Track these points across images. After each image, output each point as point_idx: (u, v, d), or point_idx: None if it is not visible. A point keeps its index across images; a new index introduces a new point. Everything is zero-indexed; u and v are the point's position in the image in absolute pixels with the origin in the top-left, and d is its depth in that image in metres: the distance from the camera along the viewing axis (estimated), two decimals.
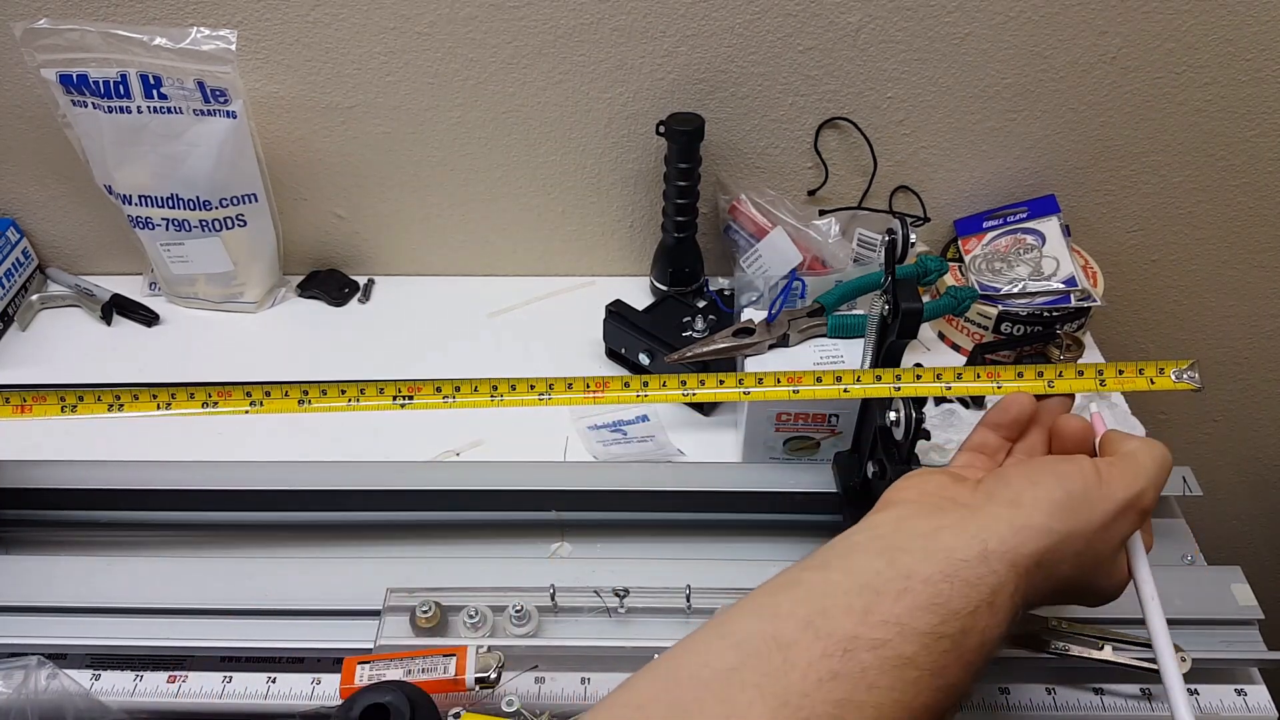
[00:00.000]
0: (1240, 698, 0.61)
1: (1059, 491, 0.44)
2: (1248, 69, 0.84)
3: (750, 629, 0.40)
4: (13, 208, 0.97)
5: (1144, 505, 0.46)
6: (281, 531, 0.73)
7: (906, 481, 0.48)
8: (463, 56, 0.85)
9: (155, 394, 0.58)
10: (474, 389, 0.58)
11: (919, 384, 0.57)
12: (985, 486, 0.45)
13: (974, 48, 0.84)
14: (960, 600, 0.40)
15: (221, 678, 0.61)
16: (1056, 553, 0.43)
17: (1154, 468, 0.46)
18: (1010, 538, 0.42)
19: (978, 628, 0.40)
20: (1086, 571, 0.45)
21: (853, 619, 0.39)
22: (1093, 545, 0.44)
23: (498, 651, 0.56)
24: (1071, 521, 0.43)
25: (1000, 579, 0.41)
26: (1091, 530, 0.44)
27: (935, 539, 0.42)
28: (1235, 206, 0.95)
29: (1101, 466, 0.46)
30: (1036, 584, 0.43)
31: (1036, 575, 0.43)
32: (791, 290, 0.83)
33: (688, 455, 0.79)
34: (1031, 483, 0.44)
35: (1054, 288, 0.86)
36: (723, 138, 0.90)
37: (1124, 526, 0.45)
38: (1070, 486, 0.44)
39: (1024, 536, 0.42)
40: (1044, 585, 0.43)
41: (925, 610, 0.39)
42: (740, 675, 0.38)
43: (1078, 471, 0.45)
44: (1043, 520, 0.43)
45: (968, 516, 0.43)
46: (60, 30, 0.78)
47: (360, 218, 0.98)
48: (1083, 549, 0.44)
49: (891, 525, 0.44)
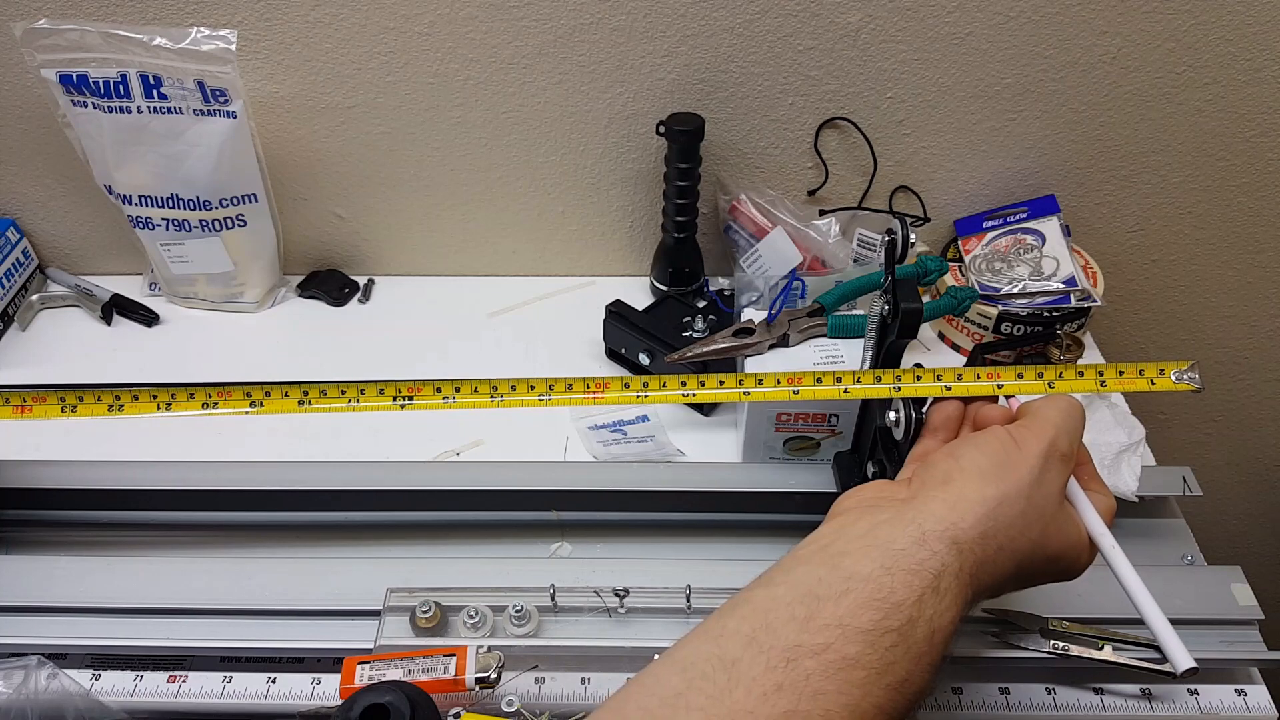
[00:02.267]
0: (1240, 698, 0.61)
1: (982, 459, 0.45)
2: (1248, 69, 0.84)
3: (697, 652, 0.40)
4: (13, 208, 0.97)
5: (1061, 451, 0.46)
6: (281, 531, 0.73)
7: (847, 494, 0.48)
8: (463, 56, 0.85)
9: (155, 394, 0.58)
10: (474, 390, 0.58)
11: (919, 385, 0.57)
12: (915, 478, 0.46)
13: (974, 48, 0.84)
14: (903, 590, 0.40)
15: (221, 678, 0.61)
16: (998, 519, 0.43)
17: (1058, 415, 0.47)
18: (947, 514, 0.42)
19: (924, 616, 0.40)
20: (1038, 534, 0.45)
21: (795, 628, 0.39)
22: (1032, 502, 0.44)
23: (498, 651, 0.56)
24: (1001, 484, 0.44)
25: (943, 560, 0.41)
26: (1023, 487, 0.44)
27: (873, 535, 0.42)
28: (1235, 206, 0.95)
29: (1013, 429, 0.47)
30: (989, 558, 0.43)
31: (985, 548, 0.43)
32: (791, 290, 0.83)
33: (688, 455, 0.79)
34: (954, 458, 0.46)
35: (1054, 288, 0.86)
36: (723, 138, 0.90)
37: (1053, 476, 0.46)
38: (989, 451, 0.45)
39: (960, 510, 0.43)
40: (999, 559, 0.43)
41: (867, 607, 0.39)
42: (685, 699, 0.38)
43: (993, 437, 0.46)
44: (974, 490, 0.43)
45: (904, 507, 0.44)
46: (60, 30, 0.78)
47: (360, 218, 0.98)
48: (1025, 508, 0.44)
49: (833, 534, 0.44)
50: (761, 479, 0.73)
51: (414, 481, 0.72)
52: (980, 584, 0.43)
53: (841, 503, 0.48)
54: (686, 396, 0.59)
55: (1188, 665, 0.45)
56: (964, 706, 0.60)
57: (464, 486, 0.71)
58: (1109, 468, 0.70)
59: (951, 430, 0.54)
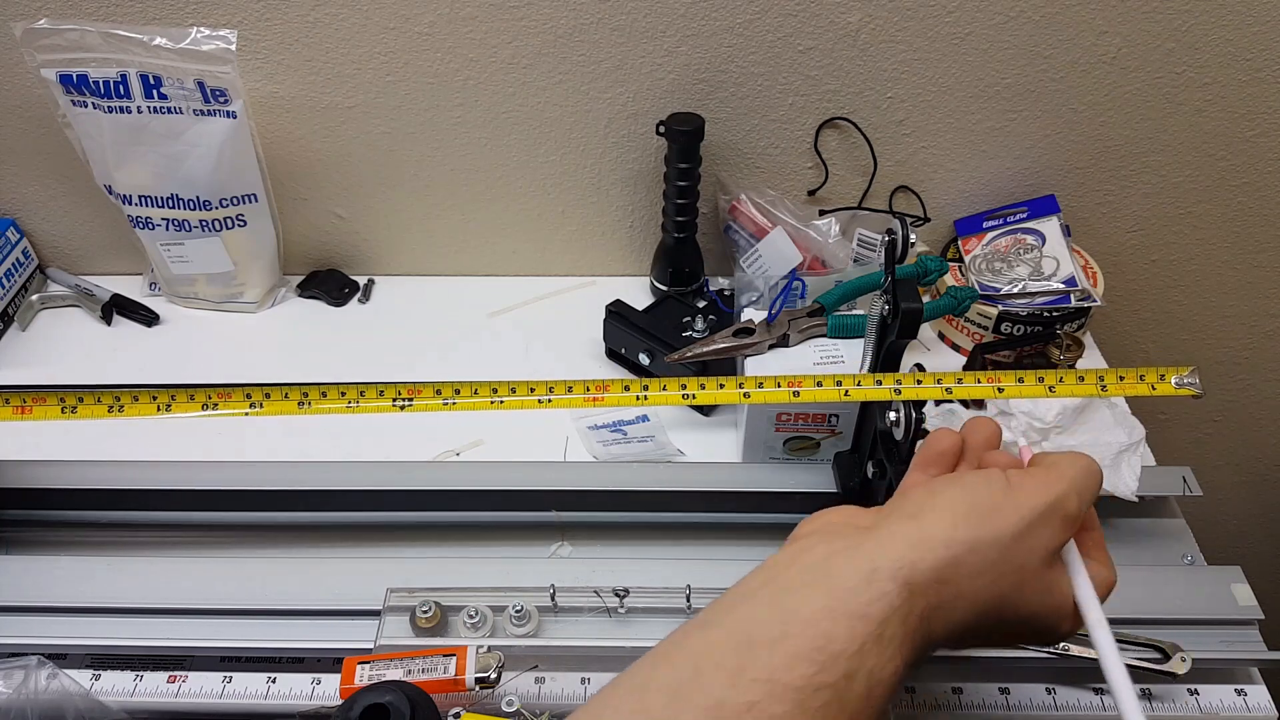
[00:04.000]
0: (1240, 698, 0.61)
1: (962, 500, 0.40)
2: (1248, 69, 0.84)
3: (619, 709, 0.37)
4: (13, 208, 0.97)
5: (1067, 511, 0.41)
6: (281, 531, 0.73)
7: (812, 516, 0.44)
8: (463, 56, 0.85)
9: (155, 395, 0.58)
10: (474, 392, 0.58)
11: (919, 388, 0.57)
12: (886, 506, 0.43)
13: (974, 48, 0.84)
14: (844, 638, 0.36)
15: (221, 678, 0.61)
16: (964, 565, 0.39)
17: (1075, 473, 0.42)
18: (905, 553, 0.38)
19: (864, 669, 0.36)
20: (1010, 588, 0.40)
21: (723, 680, 0.36)
22: (1009, 556, 0.40)
23: (498, 651, 0.56)
24: (977, 529, 0.39)
25: (891, 603, 0.37)
26: (1004, 538, 0.39)
27: (824, 568, 0.38)
28: (1235, 206, 0.95)
29: (1013, 475, 0.42)
30: (945, 603, 0.38)
31: (942, 593, 0.38)
32: (791, 290, 0.83)
33: (688, 455, 0.79)
34: (931, 494, 0.41)
35: (1054, 288, 0.86)
36: (723, 138, 0.90)
37: (1045, 536, 0.41)
38: (976, 494, 0.41)
39: (921, 550, 0.38)
40: (956, 605, 0.39)
41: (802, 659, 0.35)
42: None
43: (984, 480, 0.42)
44: (943, 530, 0.39)
45: (863, 538, 0.40)
46: (60, 30, 0.78)
47: (360, 218, 0.98)
48: (997, 559, 0.39)
49: (786, 563, 0.40)
50: (761, 479, 0.73)
51: (414, 481, 0.72)
52: (932, 631, 0.39)
53: (804, 526, 0.44)
54: (686, 399, 0.58)
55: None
56: (964, 706, 0.60)
57: (464, 486, 0.71)
58: (1109, 468, 0.70)
59: (945, 467, 0.48)
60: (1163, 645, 0.59)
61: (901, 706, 0.60)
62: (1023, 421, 0.74)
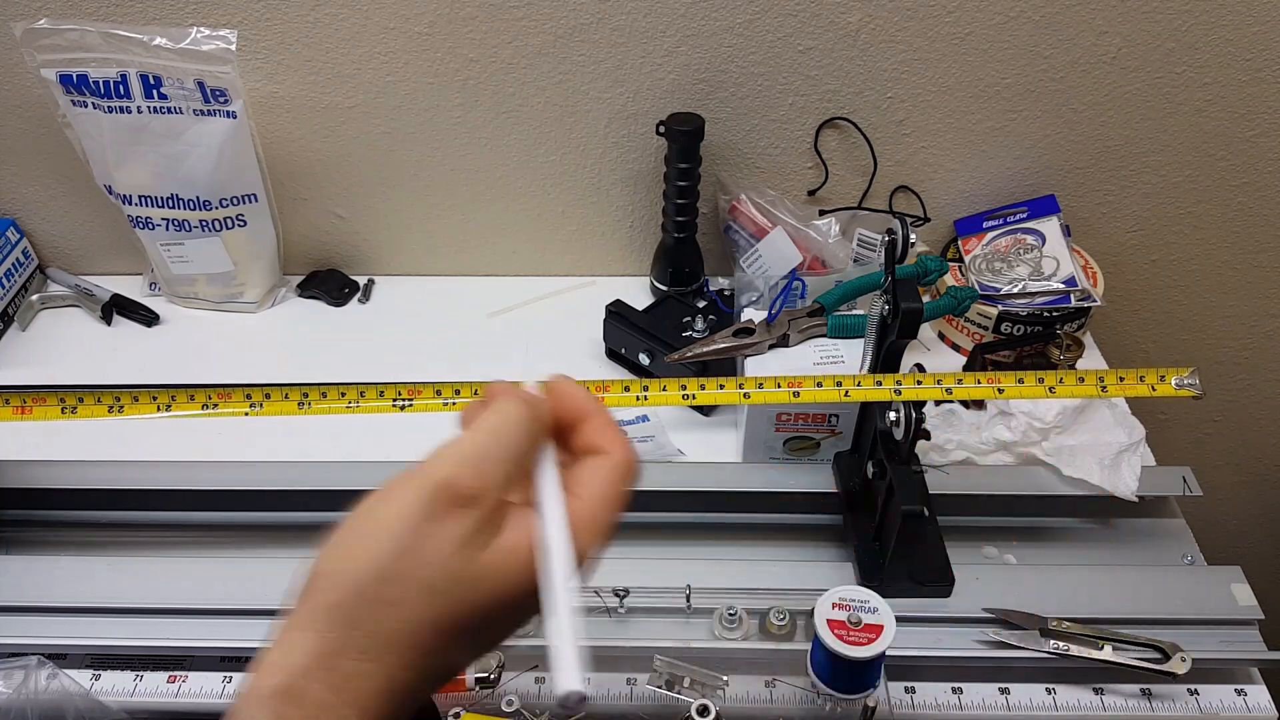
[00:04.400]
0: (1240, 698, 0.61)
1: (332, 542, 0.34)
2: (1248, 69, 0.84)
3: None
4: (13, 208, 0.97)
5: (462, 492, 0.33)
6: (281, 531, 0.73)
7: None
8: (463, 56, 0.85)
9: (155, 395, 0.58)
10: (474, 392, 0.58)
11: (919, 388, 0.57)
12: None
13: (974, 48, 0.84)
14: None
15: (221, 678, 0.61)
16: (343, 627, 0.31)
17: (479, 439, 0.35)
18: (275, 655, 0.31)
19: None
20: (425, 606, 0.32)
21: None
22: (401, 579, 0.32)
23: (497, 651, 0.56)
24: (340, 577, 0.32)
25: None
26: (383, 566, 0.32)
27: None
28: (1235, 206, 0.95)
29: (396, 477, 0.35)
30: (349, 675, 0.31)
31: (335, 667, 0.31)
32: (791, 290, 0.83)
33: (688, 455, 0.79)
34: (319, 556, 0.34)
35: (1054, 288, 0.86)
36: (723, 138, 0.90)
37: (448, 531, 0.32)
38: (347, 524, 0.35)
39: (293, 642, 0.31)
40: (368, 664, 0.31)
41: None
42: None
43: (362, 500, 0.35)
44: (312, 604, 0.32)
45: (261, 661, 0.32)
46: (60, 30, 0.78)
47: (360, 218, 0.98)
48: (384, 592, 0.32)
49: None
50: (761, 479, 0.73)
51: None
52: (357, 701, 0.31)
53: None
54: (686, 399, 0.58)
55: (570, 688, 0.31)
56: (964, 706, 0.60)
57: None
58: (1109, 468, 0.70)
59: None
60: (1163, 645, 0.59)
61: (901, 707, 0.60)
62: (1023, 421, 0.74)
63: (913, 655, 0.61)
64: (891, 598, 0.55)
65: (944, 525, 0.68)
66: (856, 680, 0.57)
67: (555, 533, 0.34)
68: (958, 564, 0.65)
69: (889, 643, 0.51)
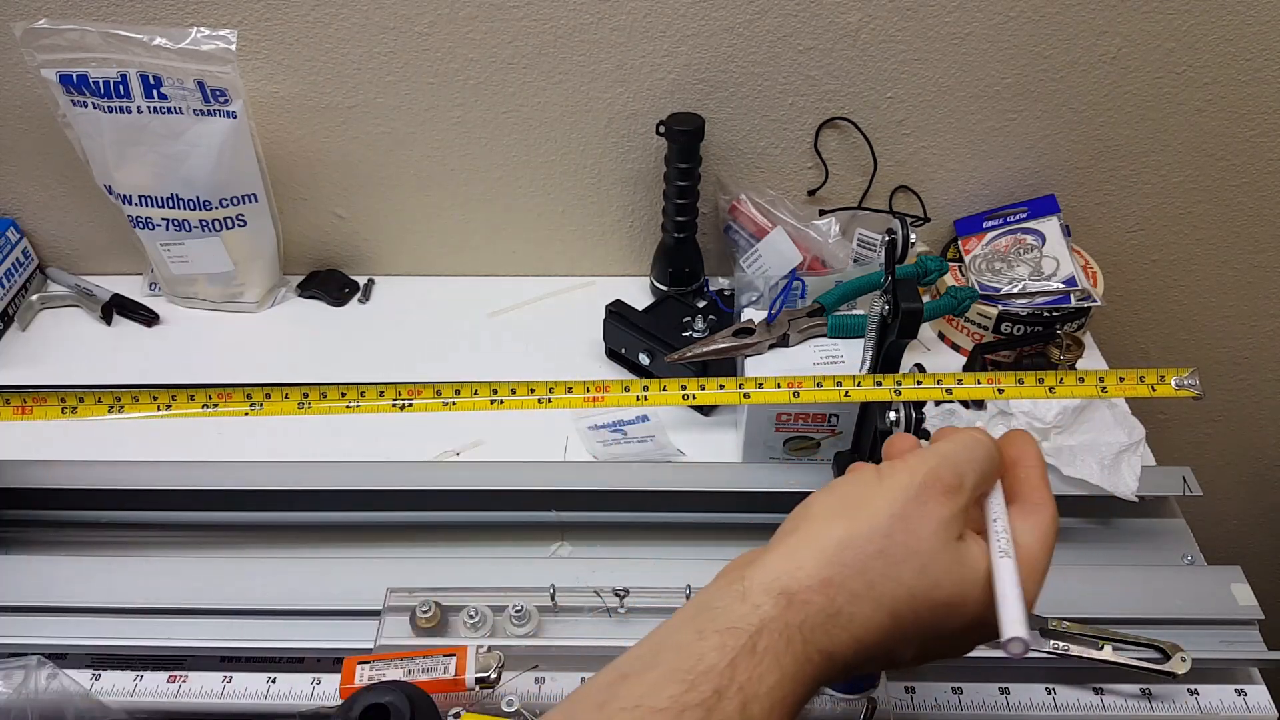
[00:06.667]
0: (1240, 698, 0.61)
1: (831, 499, 0.40)
2: (1248, 69, 0.84)
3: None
4: (13, 208, 0.97)
5: (944, 483, 0.39)
6: (281, 531, 0.73)
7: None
8: (463, 56, 0.85)
9: (155, 395, 0.58)
10: (474, 392, 0.58)
11: (919, 389, 0.57)
12: (783, 525, 0.42)
13: (974, 48, 0.84)
14: (714, 654, 0.35)
15: (221, 678, 0.61)
16: (846, 563, 0.37)
17: (949, 446, 0.41)
18: (779, 564, 0.38)
19: (735, 684, 0.35)
20: (912, 575, 0.38)
21: (591, 717, 0.35)
22: (895, 540, 0.38)
23: (498, 651, 0.56)
24: (850, 523, 0.38)
25: (764, 614, 0.36)
26: (879, 523, 0.38)
27: (702, 600, 0.38)
28: (1235, 206, 0.95)
29: (883, 465, 0.42)
30: (841, 609, 0.37)
31: (832, 598, 0.37)
32: (791, 290, 0.83)
33: (688, 455, 0.79)
34: (806, 506, 0.41)
35: (1054, 288, 0.86)
36: (723, 138, 0.90)
37: (931, 510, 0.39)
38: (842, 490, 0.41)
39: (798, 558, 0.38)
40: (858, 609, 0.37)
41: (670, 680, 0.35)
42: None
43: (852, 475, 0.42)
44: (816, 533, 0.39)
45: (745, 567, 0.39)
46: (60, 30, 0.78)
47: (360, 218, 0.98)
48: (884, 546, 0.38)
49: (700, 598, 0.40)
50: (761, 479, 0.73)
51: (414, 481, 0.72)
52: (832, 640, 0.37)
53: (735, 561, 0.42)
54: (686, 399, 0.58)
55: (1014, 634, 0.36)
56: (964, 706, 0.60)
57: (464, 486, 0.71)
58: (1109, 468, 0.70)
59: None
60: (1163, 645, 0.59)
61: (901, 707, 0.60)
62: (1023, 421, 0.74)
63: None
64: None
65: None
66: (856, 680, 0.57)
67: (1006, 565, 0.39)
68: None
69: None
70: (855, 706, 0.58)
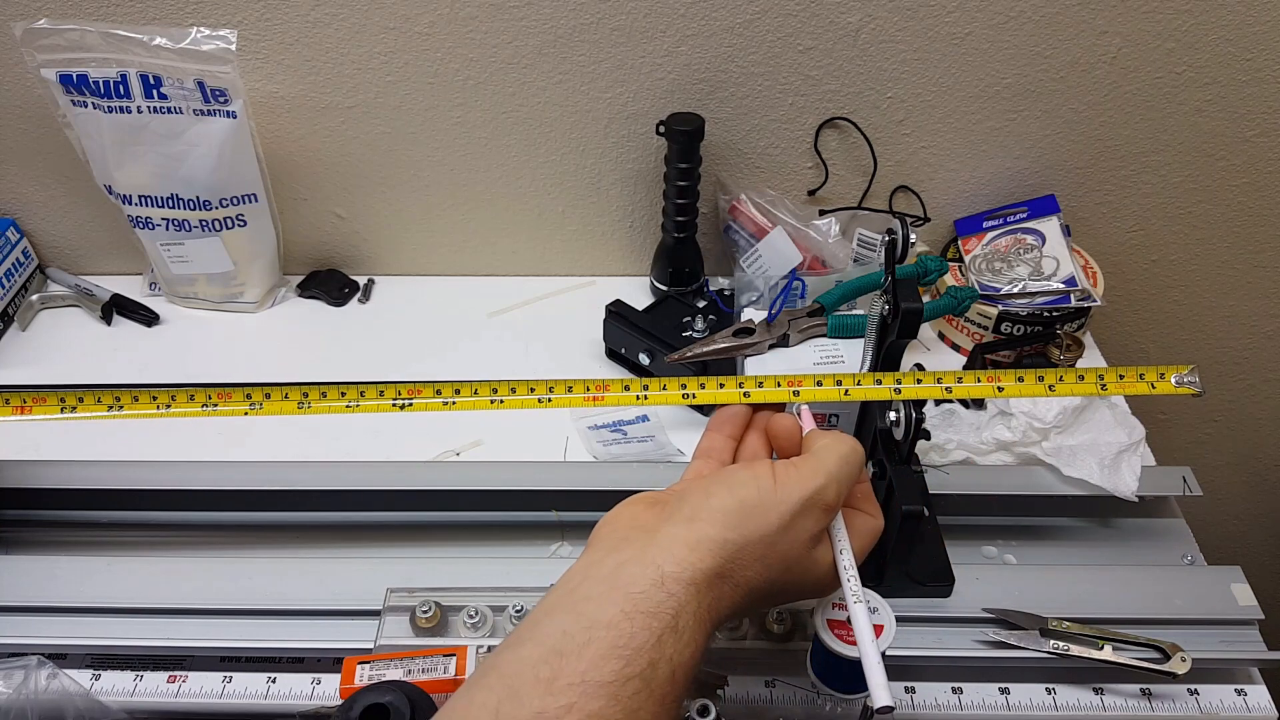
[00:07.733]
0: (1240, 698, 0.61)
1: (731, 501, 0.45)
2: (1248, 69, 0.84)
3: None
4: (13, 208, 0.97)
5: (826, 501, 0.46)
6: (281, 531, 0.73)
7: (605, 518, 0.48)
8: (463, 56, 0.85)
9: (155, 395, 0.58)
10: (474, 392, 0.58)
11: (919, 387, 0.57)
12: (667, 507, 0.46)
13: (974, 48, 0.84)
14: (643, 634, 0.40)
15: (221, 678, 0.61)
16: (737, 562, 0.44)
17: (835, 463, 0.47)
18: (686, 555, 0.43)
19: (664, 657, 0.40)
20: (778, 572, 0.46)
21: (540, 691, 0.38)
22: (776, 548, 0.45)
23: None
24: (746, 529, 0.44)
25: (680, 601, 0.41)
26: (770, 534, 0.44)
27: (616, 577, 0.42)
28: (1235, 206, 0.95)
29: (779, 470, 0.46)
30: (724, 595, 0.44)
31: (721, 587, 0.43)
32: (791, 290, 0.83)
33: (688, 455, 0.79)
34: (706, 495, 0.45)
35: (1054, 288, 0.86)
36: (723, 138, 0.90)
37: (808, 524, 0.46)
38: (743, 494, 0.45)
39: (700, 552, 0.43)
40: (734, 594, 0.44)
41: (609, 657, 0.39)
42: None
43: (751, 478, 0.46)
44: (717, 532, 0.44)
45: (647, 544, 0.44)
46: (60, 30, 0.78)
47: (360, 218, 0.98)
48: (765, 553, 0.45)
49: (580, 576, 0.44)
50: None
51: (414, 481, 0.72)
52: (719, 613, 0.44)
53: (597, 530, 0.47)
54: (686, 399, 0.58)
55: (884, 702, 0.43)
56: (964, 706, 0.60)
57: (464, 486, 0.71)
58: (1109, 468, 0.70)
59: (737, 427, 0.54)
60: (1163, 645, 0.59)
61: (901, 707, 0.60)
62: (1023, 421, 0.74)
63: (913, 655, 0.61)
64: (891, 597, 0.54)
65: (944, 525, 0.68)
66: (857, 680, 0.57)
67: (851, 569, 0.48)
68: (958, 564, 0.65)
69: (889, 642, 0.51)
70: (854, 707, 0.58)
